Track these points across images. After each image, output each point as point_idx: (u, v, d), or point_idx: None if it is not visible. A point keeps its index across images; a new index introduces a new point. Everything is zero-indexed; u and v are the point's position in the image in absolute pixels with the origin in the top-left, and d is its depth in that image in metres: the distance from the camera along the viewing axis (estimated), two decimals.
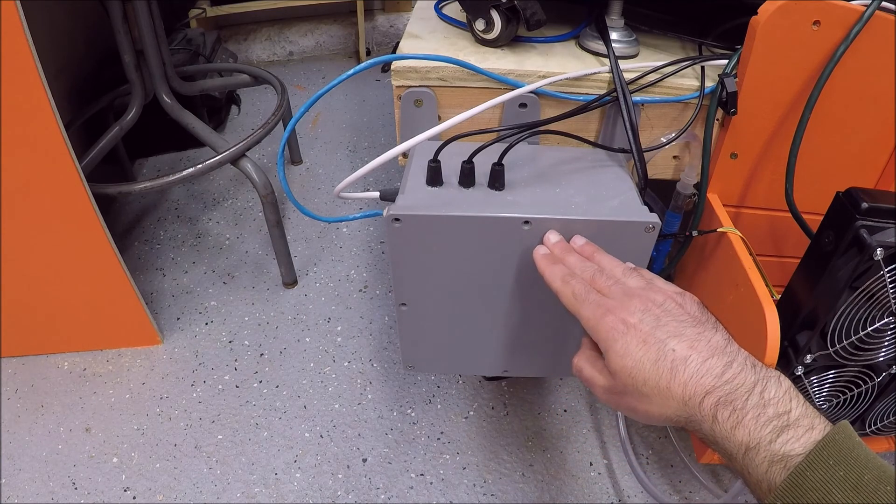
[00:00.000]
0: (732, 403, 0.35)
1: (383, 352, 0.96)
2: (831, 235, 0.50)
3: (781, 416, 0.34)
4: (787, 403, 0.35)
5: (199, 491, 0.77)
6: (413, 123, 0.60)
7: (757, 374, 0.36)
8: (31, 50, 0.64)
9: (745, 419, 0.35)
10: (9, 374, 0.92)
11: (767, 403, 0.35)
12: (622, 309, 0.40)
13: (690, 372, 0.37)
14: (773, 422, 0.34)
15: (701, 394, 0.36)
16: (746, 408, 0.35)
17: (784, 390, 0.35)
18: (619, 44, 0.60)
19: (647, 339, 0.39)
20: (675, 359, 0.37)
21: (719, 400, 0.36)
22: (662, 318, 0.40)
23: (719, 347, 0.38)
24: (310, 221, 1.23)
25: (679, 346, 0.38)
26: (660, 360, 0.38)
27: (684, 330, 0.39)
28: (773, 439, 0.34)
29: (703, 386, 0.36)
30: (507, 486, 0.78)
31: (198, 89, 1.19)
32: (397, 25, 2.01)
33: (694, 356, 0.37)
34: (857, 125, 0.59)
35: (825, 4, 0.51)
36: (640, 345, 0.39)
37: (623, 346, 0.39)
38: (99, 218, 0.80)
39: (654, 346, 0.38)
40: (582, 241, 0.49)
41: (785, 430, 0.34)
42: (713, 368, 0.37)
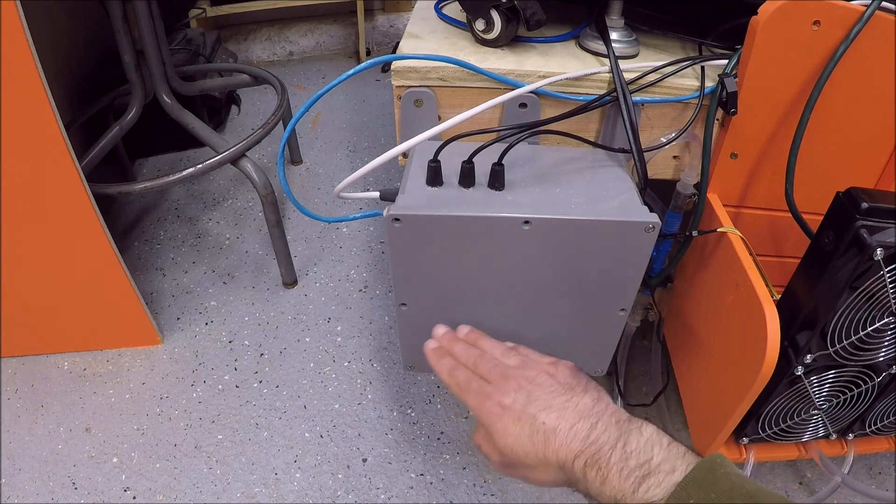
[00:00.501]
0: (598, 462, 0.38)
1: (383, 352, 0.96)
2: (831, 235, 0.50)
3: (643, 466, 0.36)
4: (648, 452, 0.37)
5: (199, 491, 0.77)
6: (413, 123, 0.60)
7: (620, 429, 0.39)
8: (31, 50, 0.64)
9: (609, 475, 0.37)
10: (9, 374, 0.92)
11: (629, 456, 0.37)
12: (498, 392, 0.45)
13: (560, 440, 0.40)
14: (635, 472, 0.36)
15: (572, 457, 0.39)
16: (610, 464, 0.37)
17: (645, 439, 0.38)
18: (619, 44, 0.60)
19: (521, 417, 0.42)
20: (546, 430, 0.41)
21: (587, 461, 0.39)
22: (534, 393, 0.43)
23: (585, 410, 0.41)
24: (310, 221, 1.23)
25: (548, 417, 0.41)
26: (534, 434, 0.41)
27: (553, 400, 0.43)
28: (635, 489, 0.36)
29: (573, 450, 0.39)
30: (507, 486, 0.78)
31: (198, 89, 1.19)
32: (397, 25, 2.01)
33: (562, 424, 0.41)
34: (857, 125, 0.59)
35: (825, 4, 0.51)
36: (515, 423, 0.42)
37: (502, 426, 0.43)
38: (99, 218, 0.80)
39: (528, 422, 0.42)
40: (466, 329, 0.54)
41: (646, 478, 0.36)
42: (580, 432, 0.40)
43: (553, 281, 0.55)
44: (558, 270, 0.54)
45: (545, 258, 0.53)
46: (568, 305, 0.57)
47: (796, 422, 0.62)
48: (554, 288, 0.55)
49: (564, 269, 0.54)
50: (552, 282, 0.55)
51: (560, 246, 0.52)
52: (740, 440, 0.65)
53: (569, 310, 0.58)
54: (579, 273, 0.54)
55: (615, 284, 0.55)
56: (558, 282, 0.55)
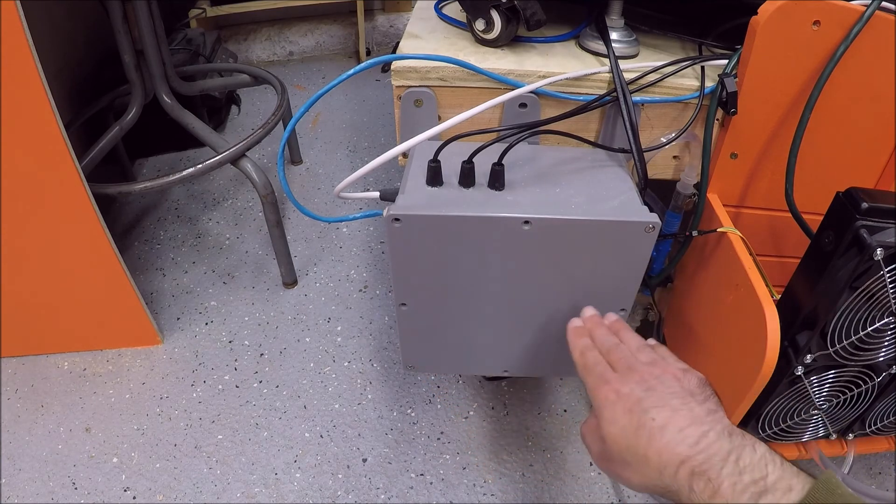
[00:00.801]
0: (707, 473, 0.36)
1: (383, 352, 0.96)
2: (831, 235, 0.50)
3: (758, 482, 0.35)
4: (763, 469, 0.35)
5: (199, 491, 0.77)
6: (413, 123, 0.60)
7: (732, 442, 0.37)
8: (31, 50, 0.64)
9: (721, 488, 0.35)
10: (9, 374, 0.92)
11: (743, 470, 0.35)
12: (619, 381, 0.44)
13: (666, 440, 0.38)
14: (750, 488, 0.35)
15: (676, 462, 0.37)
16: (721, 476, 0.36)
17: (759, 455, 0.36)
18: (619, 44, 0.60)
19: (633, 409, 0.41)
20: (654, 427, 0.39)
21: (693, 469, 0.37)
22: (652, 389, 0.42)
23: (699, 417, 0.40)
24: (310, 221, 1.23)
25: (660, 415, 0.40)
26: (640, 428, 0.40)
27: (670, 401, 0.41)
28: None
29: (678, 454, 0.38)
30: (507, 486, 0.78)
31: (198, 89, 1.20)
32: (397, 25, 2.01)
33: (671, 425, 0.39)
34: (857, 125, 0.59)
35: (825, 4, 0.51)
36: (625, 413, 0.41)
37: (611, 413, 0.42)
38: (99, 218, 0.80)
39: (638, 415, 0.41)
40: (614, 318, 0.53)
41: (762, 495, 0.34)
42: (688, 437, 0.38)
43: (553, 281, 0.55)
44: (558, 270, 0.54)
45: (545, 258, 0.53)
46: (568, 305, 0.57)
47: (796, 422, 0.62)
48: (554, 288, 0.55)
49: (564, 269, 0.54)
50: (552, 282, 0.55)
51: (560, 246, 0.52)
52: None
53: (569, 310, 0.58)
54: (579, 273, 0.54)
55: (615, 284, 0.55)
56: (558, 282, 0.55)
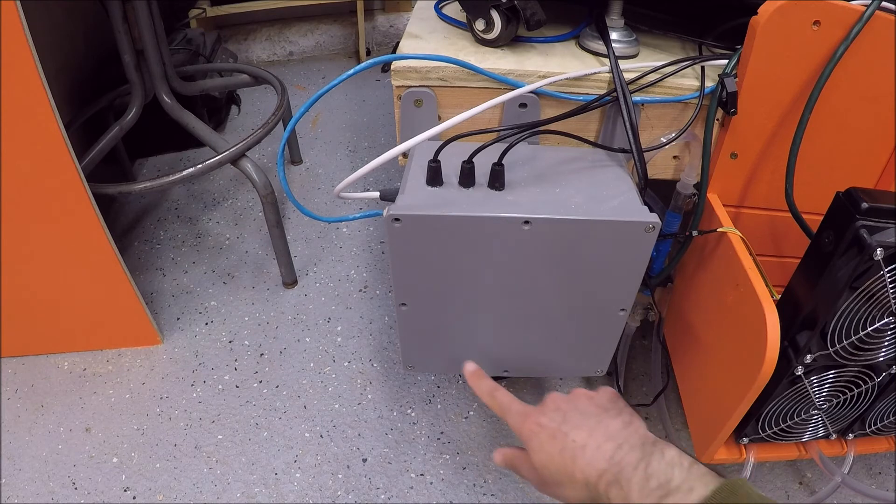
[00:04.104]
0: (620, 481, 0.40)
1: (383, 352, 0.96)
2: (831, 235, 0.50)
3: (663, 486, 0.38)
4: (668, 473, 0.38)
5: (199, 491, 0.77)
6: (413, 123, 0.60)
7: (644, 451, 0.41)
8: (31, 50, 0.64)
9: (631, 494, 0.39)
10: (9, 374, 0.92)
11: (650, 476, 0.39)
12: (537, 413, 0.48)
13: (587, 458, 0.42)
14: (656, 492, 0.38)
15: (596, 476, 0.41)
16: (632, 483, 0.39)
17: (667, 461, 0.39)
18: (619, 44, 0.60)
19: (556, 434, 0.45)
20: (575, 448, 0.43)
21: (609, 480, 0.40)
22: (569, 414, 0.46)
23: (614, 432, 0.43)
24: (310, 221, 1.23)
25: (579, 436, 0.44)
26: (564, 451, 0.44)
27: (586, 421, 0.45)
28: None
29: (597, 469, 0.41)
30: (507, 486, 0.78)
31: (198, 89, 1.19)
32: (397, 25, 2.01)
33: (590, 443, 0.43)
34: (857, 125, 0.59)
35: (825, 4, 0.51)
36: (550, 440, 0.45)
37: (538, 443, 0.46)
38: (99, 218, 0.80)
39: (560, 440, 0.45)
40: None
41: (666, 497, 0.37)
42: (605, 452, 0.42)
43: (553, 281, 0.55)
44: (558, 270, 0.54)
45: (545, 258, 0.53)
46: (568, 305, 0.57)
47: (796, 422, 0.62)
48: (554, 288, 0.55)
49: (564, 269, 0.54)
50: (552, 282, 0.55)
51: (560, 246, 0.52)
52: (740, 440, 0.65)
53: (569, 310, 0.58)
54: (579, 273, 0.54)
55: (615, 284, 0.55)
56: (558, 282, 0.55)
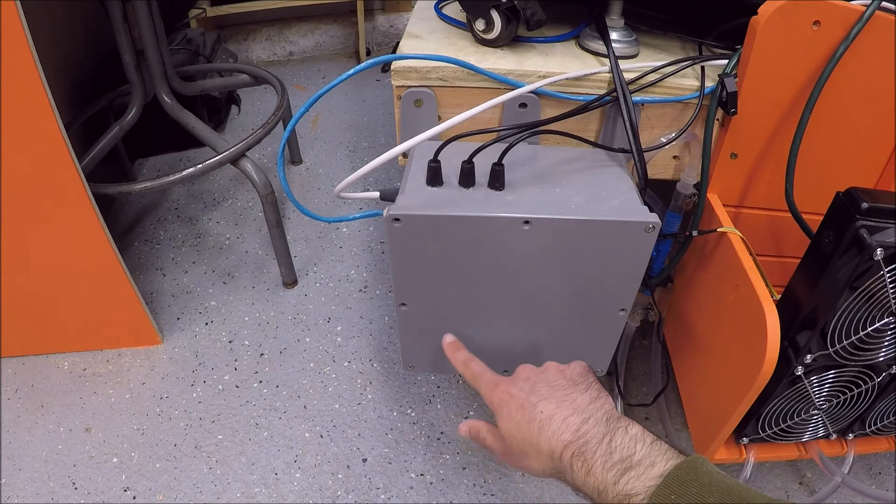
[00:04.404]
0: (584, 454, 0.41)
1: (383, 352, 0.96)
2: (831, 235, 0.50)
3: (625, 460, 0.39)
4: (631, 448, 0.39)
5: (199, 491, 0.77)
6: (413, 123, 0.60)
7: (608, 426, 0.42)
8: (31, 50, 0.64)
9: (593, 467, 0.40)
10: (9, 374, 0.92)
11: (613, 451, 0.40)
12: (508, 383, 0.49)
13: (553, 429, 0.43)
14: (618, 466, 0.39)
15: (561, 447, 0.42)
16: (595, 457, 0.40)
17: (630, 437, 0.40)
18: (619, 44, 0.60)
19: (524, 404, 0.46)
20: (542, 419, 0.44)
21: (574, 452, 0.41)
22: (538, 385, 0.47)
23: (581, 406, 0.44)
24: (310, 221, 1.23)
25: (546, 407, 0.45)
26: (532, 422, 0.44)
27: (554, 393, 0.46)
28: (616, 481, 0.38)
29: (562, 440, 0.42)
30: (507, 486, 0.78)
31: (198, 89, 1.19)
32: (397, 25, 2.01)
33: (557, 415, 0.44)
34: (857, 125, 0.59)
35: (825, 4, 0.51)
36: (518, 409, 0.46)
37: (507, 412, 0.47)
38: (99, 218, 0.80)
39: (528, 409, 0.45)
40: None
41: (627, 471, 0.38)
42: (571, 425, 0.43)
43: (553, 281, 0.55)
44: (558, 270, 0.54)
45: (545, 258, 0.53)
46: (568, 305, 0.57)
47: (796, 422, 0.62)
48: (554, 288, 0.55)
49: (564, 269, 0.54)
50: (552, 282, 0.55)
51: (560, 246, 0.52)
52: (740, 440, 0.65)
53: (569, 310, 0.58)
54: (579, 273, 0.54)
55: (615, 284, 0.55)
56: (558, 282, 0.55)
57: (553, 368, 0.49)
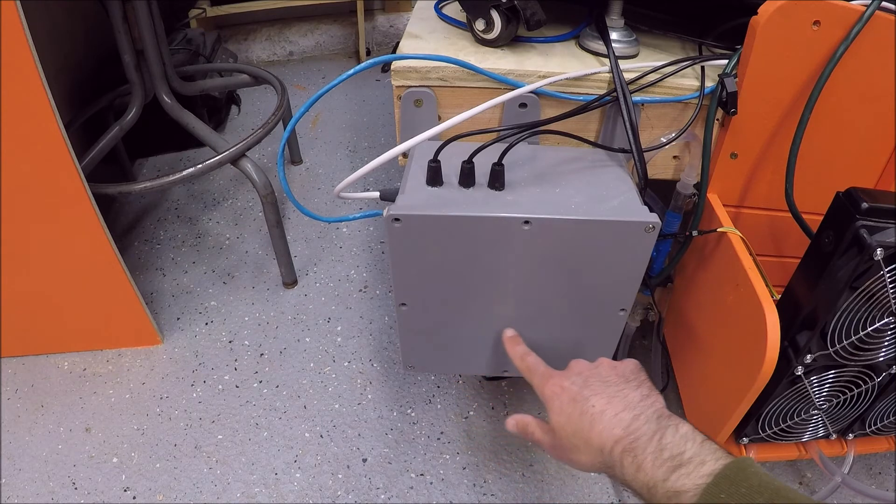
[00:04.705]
0: (635, 450, 0.41)
1: (383, 352, 0.96)
2: (831, 235, 0.50)
3: (675, 458, 0.39)
4: (681, 446, 0.40)
5: (199, 491, 0.77)
6: (413, 123, 0.60)
7: (659, 423, 0.42)
8: (31, 50, 0.64)
9: (644, 463, 0.40)
10: (9, 374, 0.92)
11: (664, 448, 0.40)
12: (561, 376, 0.50)
13: (604, 424, 0.44)
14: (668, 463, 0.39)
15: (611, 442, 0.43)
16: (646, 453, 0.41)
17: (681, 435, 0.41)
18: (619, 44, 0.60)
19: (576, 398, 0.47)
20: (594, 413, 0.45)
21: (624, 448, 0.42)
22: (590, 380, 0.48)
23: (632, 402, 0.45)
24: (310, 221, 1.23)
25: (598, 402, 0.46)
26: (583, 415, 0.45)
27: (606, 389, 0.47)
28: (666, 477, 0.39)
29: (613, 435, 0.43)
30: (507, 486, 0.78)
31: (198, 89, 1.19)
32: (397, 25, 2.01)
33: (609, 410, 0.45)
34: (857, 125, 0.59)
35: (825, 4, 0.51)
36: (570, 402, 0.47)
37: (559, 404, 0.48)
38: (99, 218, 0.80)
39: (580, 403, 0.46)
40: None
41: (677, 469, 0.39)
42: (623, 420, 0.44)
43: (553, 281, 0.55)
44: (558, 270, 0.54)
45: (545, 258, 0.53)
46: (568, 305, 0.57)
47: (796, 422, 0.62)
48: (554, 288, 0.55)
49: (564, 269, 0.54)
50: (552, 282, 0.55)
51: (560, 246, 0.52)
52: (740, 440, 0.65)
53: (569, 310, 0.58)
54: (579, 273, 0.54)
55: (615, 284, 0.55)
56: (558, 282, 0.55)
57: (606, 364, 0.50)
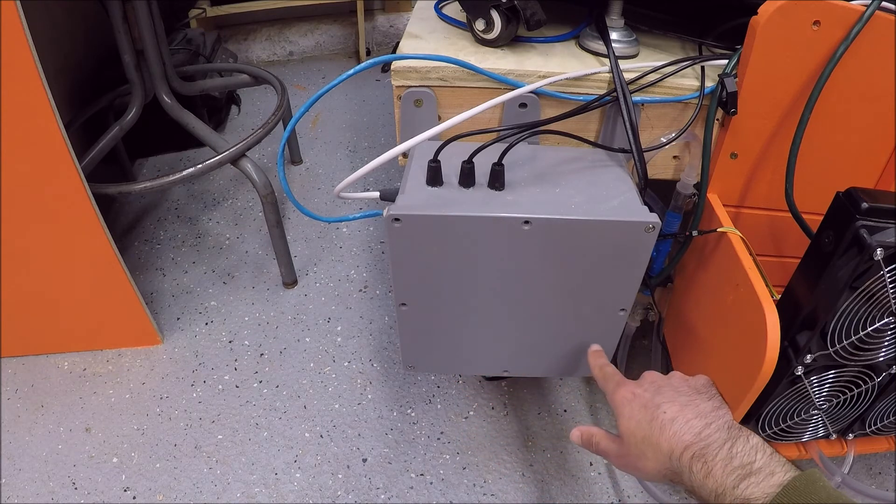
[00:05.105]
0: (705, 457, 0.42)
1: (383, 352, 0.96)
2: (831, 235, 0.50)
3: (745, 466, 0.40)
4: (752, 456, 0.41)
5: (199, 491, 0.77)
6: (413, 123, 0.60)
7: (730, 433, 0.43)
8: (31, 50, 0.64)
9: (713, 470, 0.41)
10: (9, 374, 0.92)
11: (734, 456, 0.41)
12: (634, 384, 0.51)
13: (675, 429, 0.45)
14: (738, 471, 0.40)
15: (681, 448, 0.44)
16: (716, 460, 0.41)
17: (751, 445, 0.42)
18: (619, 44, 0.60)
19: (647, 404, 0.48)
20: (665, 419, 0.46)
21: (694, 454, 0.43)
22: (663, 388, 0.49)
23: (704, 412, 0.46)
24: (310, 221, 1.23)
25: (670, 409, 0.46)
26: (654, 420, 0.46)
27: (678, 397, 0.48)
28: (736, 485, 0.39)
29: (684, 441, 0.44)
30: (507, 486, 0.78)
31: (198, 89, 1.19)
32: (397, 25, 2.01)
33: (680, 417, 0.45)
34: (857, 125, 0.59)
35: (825, 4, 0.51)
36: (641, 408, 0.48)
37: (629, 410, 0.49)
38: (99, 218, 0.80)
39: (651, 409, 0.47)
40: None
41: (747, 477, 0.39)
42: (694, 427, 0.44)
43: (553, 281, 0.55)
44: (558, 270, 0.54)
45: (545, 258, 0.53)
46: (568, 305, 0.57)
47: (796, 422, 0.62)
48: (554, 288, 0.55)
49: (564, 269, 0.54)
50: (552, 282, 0.55)
51: (560, 246, 0.52)
52: None
53: (569, 310, 0.58)
54: (579, 273, 0.54)
55: (615, 284, 0.55)
56: (558, 282, 0.55)
57: (678, 376, 0.51)
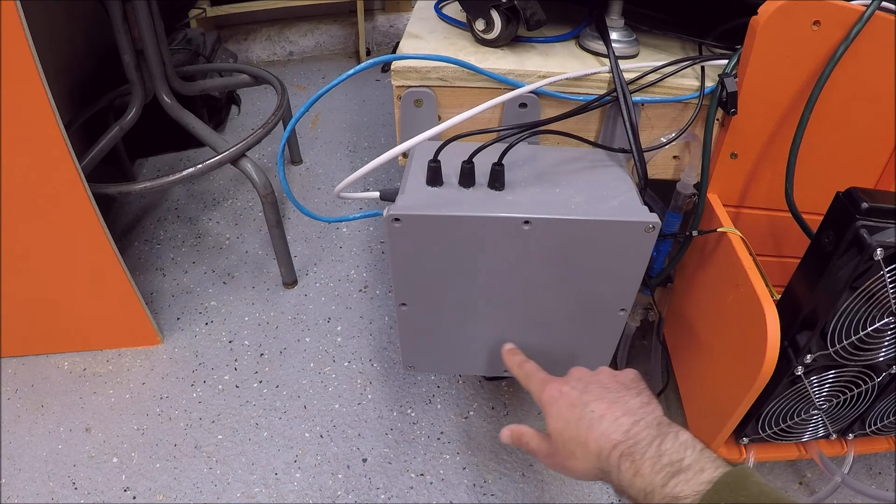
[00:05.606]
0: (633, 455, 0.41)
1: (383, 352, 0.96)
2: (831, 235, 0.50)
3: (675, 464, 0.39)
4: (681, 453, 0.40)
5: (199, 491, 0.77)
6: (413, 123, 0.60)
7: (659, 430, 0.42)
8: (31, 50, 0.64)
9: (642, 468, 0.40)
10: (9, 374, 0.92)
11: (663, 454, 0.40)
12: (561, 381, 0.50)
13: (603, 428, 0.44)
14: (667, 468, 0.39)
15: (609, 447, 0.43)
16: (644, 458, 0.40)
17: (681, 442, 0.41)
18: (619, 44, 0.60)
19: (575, 402, 0.47)
20: (593, 417, 0.45)
21: (623, 452, 0.42)
22: (590, 386, 0.48)
23: (632, 409, 0.45)
24: (310, 221, 1.23)
25: (598, 406, 0.45)
26: (581, 419, 0.45)
27: (606, 394, 0.47)
28: (665, 483, 0.38)
29: (612, 440, 0.43)
30: (507, 486, 0.78)
31: (198, 89, 1.19)
32: (397, 25, 2.01)
33: (608, 414, 0.45)
34: (857, 125, 0.59)
35: (825, 4, 0.51)
36: (568, 407, 0.47)
37: (557, 409, 0.48)
38: (99, 218, 0.80)
39: (579, 408, 0.46)
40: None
41: (676, 475, 0.38)
42: (622, 425, 0.43)
43: (553, 281, 0.55)
44: (558, 270, 0.54)
45: (545, 258, 0.53)
46: (568, 305, 0.57)
47: (796, 422, 0.62)
48: (554, 288, 0.55)
49: (564, 269, 0.54)
50: (552, 282, 0.55)
51: (560, 246, 0.52)
52: (740, 440, 0.65)
53: (569, 310, 0.58)
54: (579, 273, 0.54)
55: (615, 284, 0.55)
56: (558, 282, 0.55)
57: (606, 372, 0.50)
